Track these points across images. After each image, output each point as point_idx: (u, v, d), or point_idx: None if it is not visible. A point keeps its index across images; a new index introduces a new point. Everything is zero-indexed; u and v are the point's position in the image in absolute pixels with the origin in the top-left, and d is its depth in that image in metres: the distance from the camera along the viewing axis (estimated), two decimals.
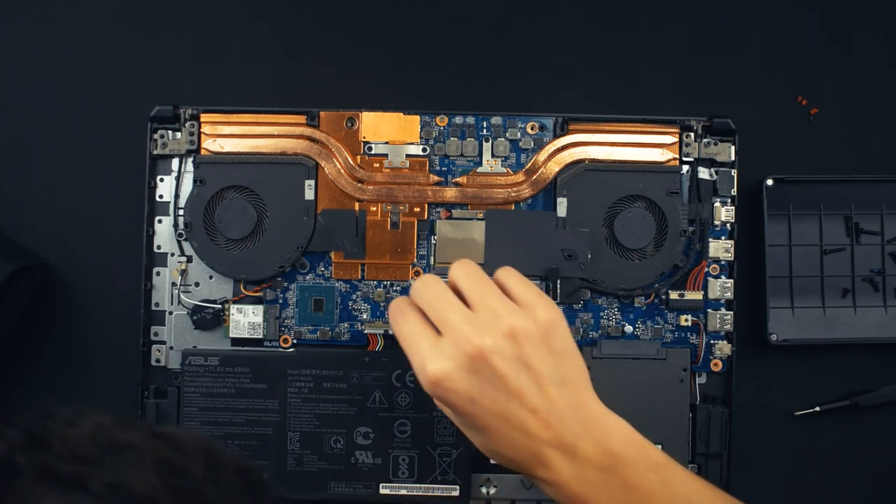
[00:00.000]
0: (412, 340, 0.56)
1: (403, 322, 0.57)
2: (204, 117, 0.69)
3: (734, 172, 0.69)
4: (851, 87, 0.74)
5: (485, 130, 0.70)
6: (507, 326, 0.55)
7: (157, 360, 0.69)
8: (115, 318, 0.72)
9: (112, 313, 0.72)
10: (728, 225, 0.69)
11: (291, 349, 0.69)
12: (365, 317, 0.70)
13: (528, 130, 0.70)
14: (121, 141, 0.72)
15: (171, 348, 0.70)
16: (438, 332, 0.56)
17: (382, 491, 0.68)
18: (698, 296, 0.69)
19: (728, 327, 0.69)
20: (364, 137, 0.70)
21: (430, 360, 0.54)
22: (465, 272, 0.58)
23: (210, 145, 0.69)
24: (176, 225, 0.70)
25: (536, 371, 0.55)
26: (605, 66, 0.74)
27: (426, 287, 0.58)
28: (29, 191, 0.73)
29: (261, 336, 0.69)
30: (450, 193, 0.69)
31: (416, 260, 0.69)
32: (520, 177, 0.69)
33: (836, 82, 0.74)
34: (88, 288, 0.73)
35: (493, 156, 0.70)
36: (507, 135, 0.70)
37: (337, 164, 0.69)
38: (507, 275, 0.59)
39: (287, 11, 0.74)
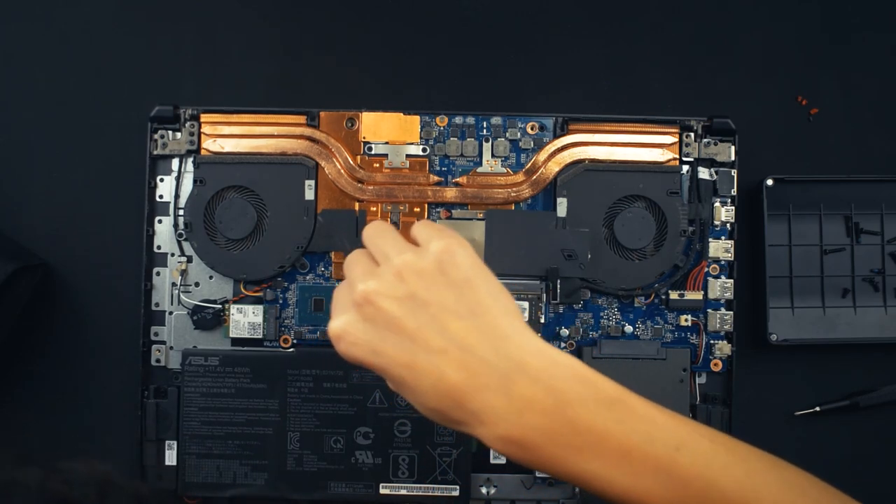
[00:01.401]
0: (332, 314, 0.53)
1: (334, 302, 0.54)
2: (204, 117, 0.70)
3: (734, 172, 0.69)
4: (851, 87, 0.74)
5: (485, 130, 0.70)
6: (394, 267, 0.50)
7: (158, 360, 0.70)
8: (115, 318, 0.72)
9: (112, 313, 0.72)
10: (728, 225, 0.69)
11: (291, 349, 0.69)
12: None
13: (528, 130, 0.70)
14: (121, 141, 0.72)
15: (172, 348, 0.70)
16: None
17: (382, 491, 0.68)
18: (698, 296, 0.69)
19: (728, 327, 0.69)
20: (364, 137, 0.70)
21: (331, 321, 0.51)
22: (369, 233, 0.55)
23: (210, 145, 0.69)
24: (176, 225, 0.70)
25: (437, 306, 0.49)
26: (605, 66, 0.74)
27: (346, 263, 0.54)
28: (29, 191, 0.73)
29: (261, 336, 0.69)
30: (450, 193, 0.69)
31: None
32: (520, 177, 0.69)
33: (836, 82, 0.74)
34: (88, 288, 0.73)
35: (493, 156, 0.70)
36: (507, 135, 0.70)
37: (337, 164, 0.69)
38: (415, 226, 0.54)
39: (287, 11, 0.74)
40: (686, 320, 0.69)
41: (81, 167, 0.73)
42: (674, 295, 0.69)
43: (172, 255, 0.70)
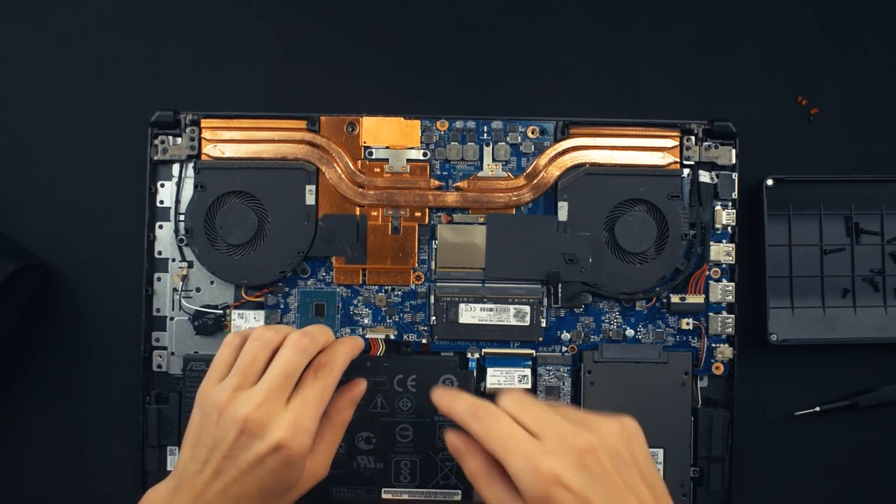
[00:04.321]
0: (510, 438, 0.54)
1: (494, 422, 0.55)
2: (204, 122, 0.69)
3: (735, 176, 0.69)
4: (851, 87, 0.74)
5: (485, 135, 0.70)
6: (586, 441, 0.53)
7: (159, 366, 0.70)
8: (115, 322, 0.72)
9: (113, 317, 0.72)
10: (729, 228, 0.69)
11: None
12: (366, 322, 0.70)
13: (529, 134, 0.70)
14: (121, 144, 0.72)
15: (173, 354, 0.70)
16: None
17: (384, 496, 0.68)
18: (699, 299, 0.69)
19: (729, 330, 0.69)
20: (365, 142, 0.70)
21: (543, 455, 0.52)
22: (514, 404, 0.56)
23: (211, 150, 0.69)
24: (177, 230, 0.70)
25: (630, 477, 0.53)
26: (605, 69, 0.74)
27: (496, 432, 0.55)
28: (29, 192, 0.73)
29: None
30: (451, 198, 0.69)
31: (417, 265, 0.69)
32: (521, 181, 0.69)
33: (836, 82, 0.74)
34: (89, 292, 0.72)
35: (493, 160, 0.70)
36: (508, 139, 0.70)
37: (337, 168, 0.69)
38: (563, 409, 0.57)
39: (288, 16, 0.74)
40: (687, 324, 0.69)
41: (81, 170, 0.73)
42: (675, 298, 0.69)
43: (173, 260, 0.70)
